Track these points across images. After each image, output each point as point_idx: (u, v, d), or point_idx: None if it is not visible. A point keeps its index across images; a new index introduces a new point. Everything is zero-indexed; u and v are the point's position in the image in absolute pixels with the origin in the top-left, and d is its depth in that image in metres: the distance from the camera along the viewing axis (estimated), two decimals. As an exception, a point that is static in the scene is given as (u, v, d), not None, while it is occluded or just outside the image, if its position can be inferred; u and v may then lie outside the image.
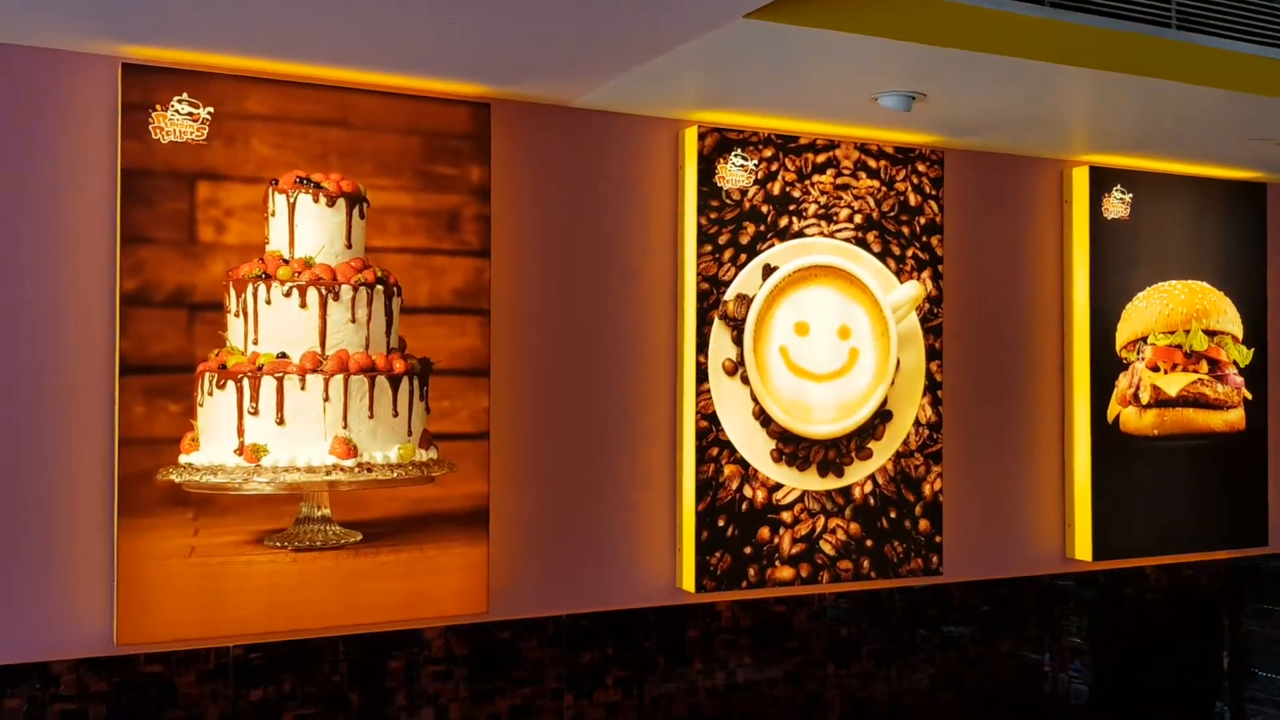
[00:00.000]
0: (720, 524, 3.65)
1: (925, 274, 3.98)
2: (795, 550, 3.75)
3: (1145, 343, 4.41)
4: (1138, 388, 4.39)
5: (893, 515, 3.91)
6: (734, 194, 3.70)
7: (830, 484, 3.81)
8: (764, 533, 3.72)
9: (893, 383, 3.89)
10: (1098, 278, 4.34)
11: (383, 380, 3.10)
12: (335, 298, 3.07)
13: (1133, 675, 4.54)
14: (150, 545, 2.97)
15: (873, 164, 3.90)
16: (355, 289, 3.09)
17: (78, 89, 2.99)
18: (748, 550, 3.69)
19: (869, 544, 3.87)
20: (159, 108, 3.00)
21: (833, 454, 3.82)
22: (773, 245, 3.75)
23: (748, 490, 3.70)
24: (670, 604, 3.68)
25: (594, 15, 2.72)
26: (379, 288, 3.13)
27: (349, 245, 3.14)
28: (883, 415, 3.89)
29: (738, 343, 3.69)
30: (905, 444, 3.93)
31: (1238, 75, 3.37)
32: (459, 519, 3.30)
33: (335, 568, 3.16)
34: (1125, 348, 4.40)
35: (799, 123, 3.76)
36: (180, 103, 3.02)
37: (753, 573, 3.70)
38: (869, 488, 3.87)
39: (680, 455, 3.67)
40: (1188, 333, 4.45)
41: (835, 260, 3.81)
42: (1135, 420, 4.38)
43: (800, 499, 3.77)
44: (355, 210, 3.15)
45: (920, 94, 3.39)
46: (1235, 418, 4.56)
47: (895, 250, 3.93)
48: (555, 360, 3.55)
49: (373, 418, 3.09)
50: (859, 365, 3.84)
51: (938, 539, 3.99)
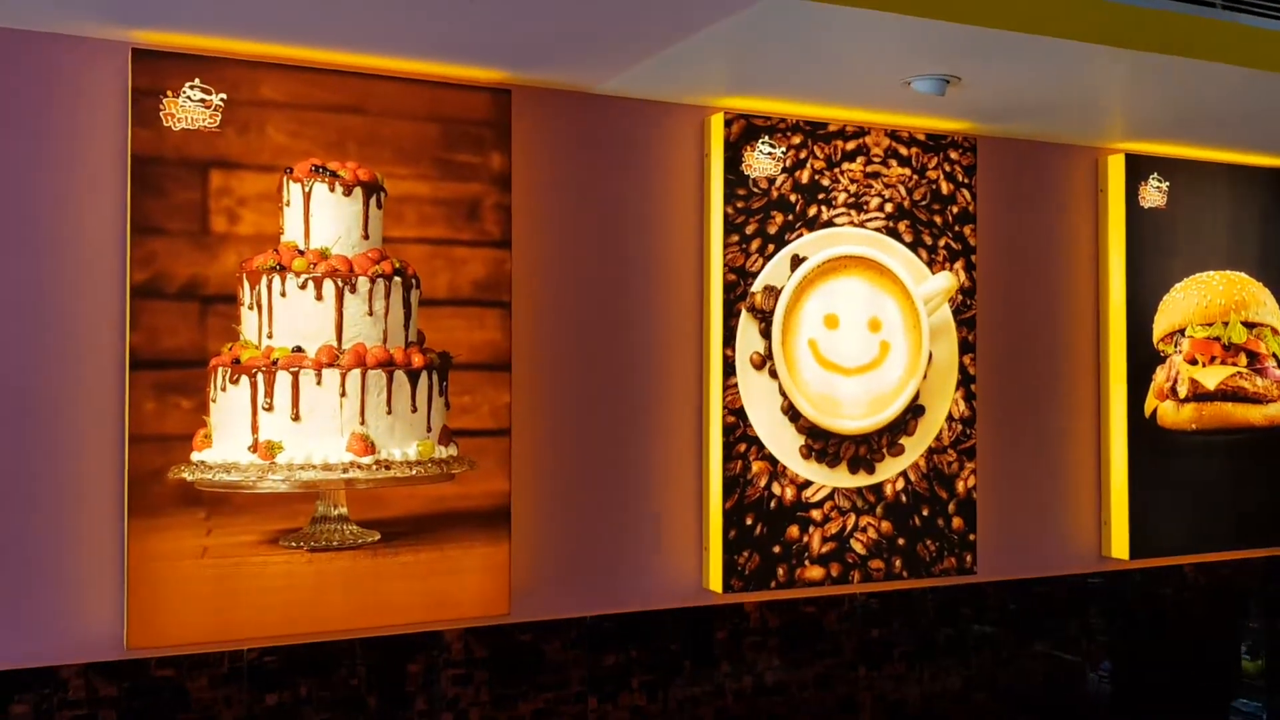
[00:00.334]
0: (748, 522, 3.55)
1: (958, 264, 3.87)
2: (825, 549, 3.65)
3: (1183, 335, 4.30)
4: (1175, 381, 4.28)
5: (925, 513, 3.80)
6: (761, 182, 3.59)
7: (861, 481, 3.71)
8: (793, 531, 3.61)
9: (925, 376, 3.78)
10: (1134, 268, 4.23)
11: (401, 375, 3.03)
12: (352, 290, 2.99)
13: (1169, 676, 4.43)
14: (161, 546, 2.89)
15: (904, 151, 3.79)
16: (373, 281, 3.01)
17: (86, 75, 2.91)
18: (776, 549, 3.59)
19: (901, 543, 3.76)
20: (170, 94, 2.92)
21: (863, 450, 3.71)
22: (801, 235, 3.65)
23: (776, 487, 3.59)
24: (697, 605, 3.58)
25: (619, -6, 2.63)
26: (397, 279, 3.06)
27: (366, 236, 3.07)
28: (914, 410, 3.79)
29: (765, 335, 3.59)
30: (938, 439, 3.82)
31: (1284, 57, 3.26)
32: (480, 518, 3.22)
33: (352, 568, 3.08)
34: (1162, 340, 4.28)
35: (828, 109, 3.65)
36: (192, 89, 2.95)
37: (781, 572, 3.59)
38: (901, 484, 3.77)
39: (707, 451, 3.57)
40: (1226, 325, 4.34)
41: (865, 250, 3.70)
42: (1173, 415, 4.27)
43: (830, 496, 3.66)
44: (372, 200, 3.08)
45: (954, 77, 3.28)
46: (1275, 411, 4.44)
47: (927, 240, 3.82)
48: (578, 354, 3.45)
49: (391, 414, 3.02)
50: (890, 359, 3.74)
51: (971, 537, 3.87)
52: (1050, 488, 4.18)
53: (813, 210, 3.66)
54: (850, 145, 3.71)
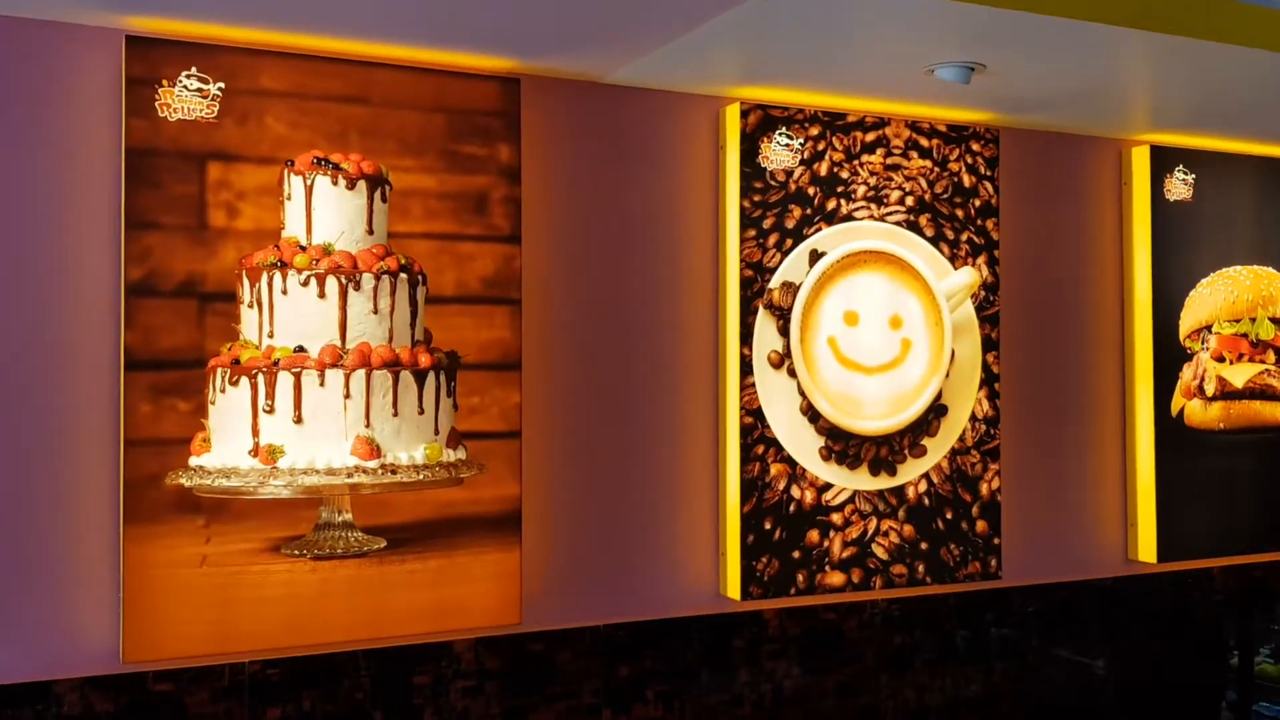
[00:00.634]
0: (766, 527, 3.43)
1: (980, 259, 3.76)
2: (846, 554, 3.53)
3: (1209, 332, 4.19)
4: (1202, 379, 4.16)
5: (949, 516, 3.68)
6: (779, 175, 3.48)
7: (882, 483, 3.59)
8: (813, 536, 3.50)
9: (948, 375, 3.66)
10: (1159, 263, 4.11)
11: (407, 375, 2.94)
12: (356, 287, 2.90)
13: (1199, 681, 4.32)
14: (159, 554, 2.79)
15: (925, 143, 3.68)
16: (377, 278, 2.92)
17: (78, 64, 2.80)
18: (796, 555, 3.47)
19: (924, 547, 3.64)
20: (166, 83, 2.82)
21: (885, 451, 3.59)
22: (820, 229, 3.53)
23: (795, 490, 3.48)
24: (714, 612, 3.47)
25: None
26: (403, 276, 2.96)
27: (370, 231, 2.97)
28: (937, 410, 3.67)
29: (784, 333, 3.47)
30: (961, 440, 3.71)
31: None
32: (489, 523, 3.11)
33: (357, 576, 2.97)
34: (1189, 337, 4.17)
35: (846, 99, 3.54)
36: (189, 78, 2.84)
37: (801, 578, 3.48)
38: (923, 487, 3.65)
39: (724, 453, 3.46)
40: (1254, 321, 4.23)
41: (886, 245, 3.59)
42: (1200, 413, 4.16)
43: (851, 499, 3.55)
44: (377, 193, 2.98)
45: (980, 65, 3.17)
46: (1305, 410, 4.33)
47: (949, 234, 3.71)
48: (590, 353, 3.34)
49: (397, 416, 2.93)
50: (911, 357, 3.62)
51: (996, 541, 3.76)
52: (1075, 489, 4.06)
53: (832, 204, 3.55)
54: (870, 137, 3.60)
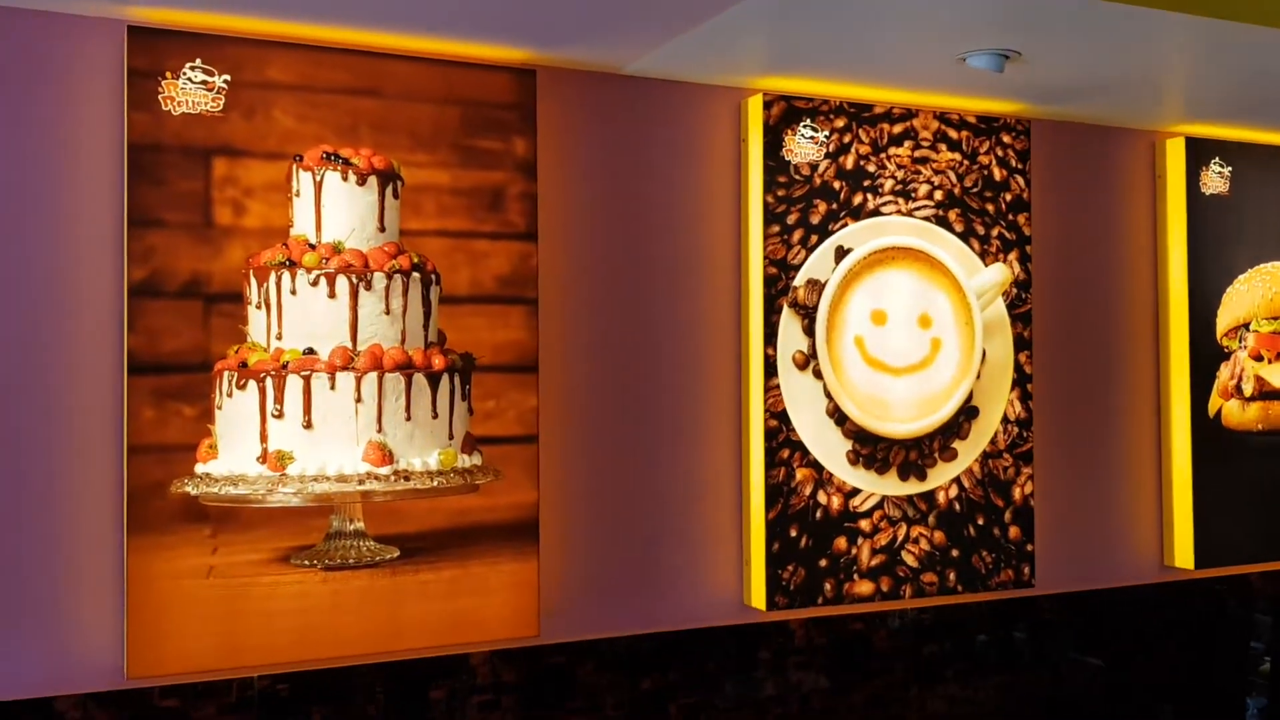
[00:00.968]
0: (792, 534, 3.32)
1: (1012, 256, 3.64)
2: (875, 562, 3.41)
3: (1247, 329, 4.06)
4: (1240, 379, 4.04)
5: (980, 522, 3.56)
6: (803, 169, 3.36)
7: (912, 488, 3.47)
8: (840, 543, 3.38)
9: (978, 376, 3.55)
10: (1195, 259, 3.99)
11: (420, 378, 2.85)
12: (367, 287, 2.81)
13: (1237, 691, 4.20)
14: (163, 565, 2.70)
15: (954, 135, 3.56)
16: (389, 277, 2.83)
17: (78, 55, 2.71)
18: (823, 563, 3.35)
19: (955, 554, 3.52)
20: (169, 75, 2.73)
21: (914, 455, 3.47)
22: (846, 225, 3.42)
23: (822, 496, 3.36)
24: (738, 623, 3.36)
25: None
26: (415, 275, 2.87)
27: (382, 228, 2.87)
28: (968, 412, 3.55)
29: (809, 333, 3.36)
30: (993, 443, 3.59)
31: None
32: (506, 532, 3.01)
33: (370, 588, 2.87)
34: (1226, 335, 4.05)
35: (873, 89, 3.43)
36: (193, 70, 2.75)
37: (829, 588, 3.36)
38: (954, 492, 3.53)
39: (748, 458, 3.35)
40: (1293, 318, 4.11)
41: (914, 241, 3.47)
42: (1238, 414, 4.03)
43: (879, 505, 3.43)
44: (388, 189, 2.88)
45: (1013, 52, 3.05)
46: (1345, 411, 4.20)
47: (979, 230, 3.59)
48: (609, 354, 3.24)
49: (410, 420, 2.84)
50: (941, 357, 3.50)
51: (1029, 548, 3.63)
52: (1110, 493, 3.94)
53: (858, 198, 3.43)
54: (897, 129, 3.48)
